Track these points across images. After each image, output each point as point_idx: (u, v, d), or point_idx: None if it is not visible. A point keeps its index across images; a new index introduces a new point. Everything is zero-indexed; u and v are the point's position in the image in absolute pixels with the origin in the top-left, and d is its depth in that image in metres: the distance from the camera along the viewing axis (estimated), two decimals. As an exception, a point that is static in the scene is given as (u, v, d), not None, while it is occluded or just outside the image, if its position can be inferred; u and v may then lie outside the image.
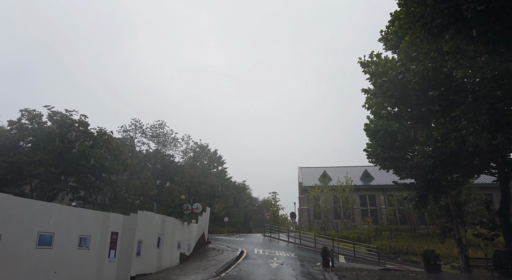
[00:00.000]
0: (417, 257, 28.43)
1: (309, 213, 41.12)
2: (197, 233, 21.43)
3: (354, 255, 24.92)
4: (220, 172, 57.26)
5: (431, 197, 16.03)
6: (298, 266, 17.42)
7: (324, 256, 17.22)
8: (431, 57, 7.45)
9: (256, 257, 20.28)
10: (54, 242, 9.12)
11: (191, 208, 23.69)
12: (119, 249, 12.47)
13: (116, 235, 12.33)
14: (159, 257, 15.57)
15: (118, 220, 12.52)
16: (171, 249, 17.05)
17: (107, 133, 24.93)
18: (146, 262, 14.23)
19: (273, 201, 44.85)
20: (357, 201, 39.96)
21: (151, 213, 15.06)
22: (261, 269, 15.96)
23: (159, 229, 15.62)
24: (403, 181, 17.28)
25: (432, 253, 16.23)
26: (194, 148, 39.73)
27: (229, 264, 17.00)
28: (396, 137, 15.70)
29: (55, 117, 21.85)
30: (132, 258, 13.13)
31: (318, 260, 20.60)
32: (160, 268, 15.56)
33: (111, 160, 24.80)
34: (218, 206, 43.12)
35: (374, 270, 17.22)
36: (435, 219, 19.05)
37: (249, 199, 72.44)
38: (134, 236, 13.35)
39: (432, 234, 32.19)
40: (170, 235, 17.01)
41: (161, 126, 38.48)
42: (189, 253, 19.69)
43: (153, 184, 26.38)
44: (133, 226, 13.40)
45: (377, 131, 16.38)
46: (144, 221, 14.21)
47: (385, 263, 22.53)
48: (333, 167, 48.29)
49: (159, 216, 15.90)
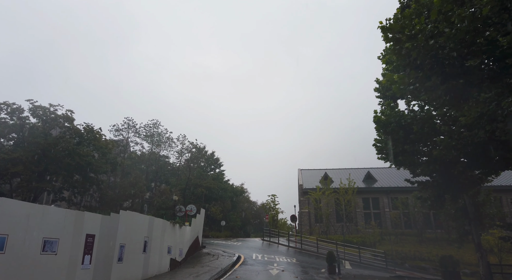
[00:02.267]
0: (425, 262, 26.71)
1: (309, 216, 39.38)
2: (190, 236, 19.72)
3: (360, 261, 23.22)
4: (217, 174, 55.54)
5: (448, 196, 14.43)
6: (301, 273, 15.75)
7: (329, 262, 15.55)
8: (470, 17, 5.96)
9: (255, 262, 18.57)
10: (8, 246, 7.47)
11: (185, 209, 21.99)
12: (96, 254, 10.80)
13: (92, 238, 10.67)
14: (146, 263, 13.88)
15: (95, 220, 10.86)
16: (160, 254, 15.35)
17: (94, 130, 23.29)
18: (129, 269, 12.54)
19: (272, 204, 43.14)
20: (359, 204, 38.28)
21: (136, 214, 13.40)
22: (260, 276, 14.29)
23: (145, 232, 13.94)
24: (416, 179, 15.67)
25: (451, 259, 14.60)
26: (190, 149, 38.09)
27: (224, 271, 15.31)
28: (410, 129, 14.15)
29: (38, 111, 20.20)
30: (113, 264, 11.46)
31: (322, 266, 18.90)
32: (146, 275, 13.86)
33: (99, 159, 23.16)
34: (214, 209, 41.37)
35: (385, 277, 15.56)
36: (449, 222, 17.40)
37: (248, 203, 70.61)
38: (115, 239, 11.69)
39: (440, 239, 30.52)
40: (159, 239, 15.33)
41: (156, 125, 36.84)
42: (181, 259, 17.98)
43: (144, 184, 24.75)
44: (114, 228, 11.74)
45: (388, 123, 14.83)
46: (128, 223, 12.55)
47: (395, 270, 20.85)
48: (335, 169, 46.66)
49: (146, 217, 14.23)
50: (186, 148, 37.48)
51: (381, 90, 18.05)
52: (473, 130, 10.12)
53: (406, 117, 14.79)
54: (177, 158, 39.25)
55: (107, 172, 24.03)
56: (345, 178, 37.75)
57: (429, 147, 13.24)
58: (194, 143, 38.14)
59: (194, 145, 37.96)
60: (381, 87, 18.07)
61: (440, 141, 11.26)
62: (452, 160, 12.39)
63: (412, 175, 15.86)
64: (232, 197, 49.58)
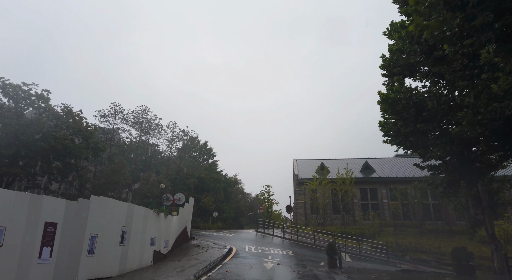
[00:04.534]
0: (426, 255, 25.52)
1: (305, 207, 38.01)
2: (178, 227, 18.11)
3: (359, 253, 21.88)
4: (210, 165, 53.86)
5: (464, 182, 12.97)
6: (299, 266, 14.26)
7: (330, 255, 14.06)
8: None
9: (247, 255, 17.06)
10: None
11: (172, 198, 20.34)
12: (60, 246, 9.12)
13: (53, 227, 8.97)
14: (124, 256, 12.24)
15: (58, 206, 9.15)
16: (141, 246, 13.73)
17: (74, 112, 21.36)
18: (103, 262, 10.90)
19: (267, 194, 41.63)
20: (357, 194, 36.98)
21: (111, 200, 11.70)
22: (253, 270, 12.75)
23: (123, 221, 12.28)
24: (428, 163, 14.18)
25: (463, 251, 13.20)
26: (181, 136, 36.23)
27: (213, 264, 13.74)
28: (423, 107, 12.59)
29: (7, 89, 18.20)
30: (81, 257, 9.81)
31: (320, 258, 17.47)
32: (124, 270, 12.24)
33: (81, 144, 21.29)
34: (207, 200, 39.76)
35: (391, 271, 14.14)
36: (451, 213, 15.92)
37: (242, 194, 69.26)
38: (84, 228, 10.02)
39: (441, 230, 29.36)
40: (140, 229, 13.68)
41: (145, 112, 34.90)
42: (167, 251, 16.38)
43: (129, 170, 22.92)
44: (82, 215, 10.06)
45: (398, 101, 13.27)
46: (101, 210, 10.87)
47: (399, 263, 19.57)
48: (331, 159, 45.26)
49: (124, 204, 12.53)
50: (176, 135, 35.62)
51: (387, 67, 16.45)
52: (505, 102, 8.57)
53: (417, 95, 13.25)
54: (168, 146, 37.36)
55: (89, 158, 22.17)
56: (342, 168, 36.36)
57: (446, 124, 11.69)
58: (185, 130, 36.29)
59: (185, 133, 36.15)
60: (387, 64, 16.46)
61: (463, 115, 9.72)
62: (473, 140, 10.89)
63: (422, 159, 14.38)
64: (225, 188, 47.99)
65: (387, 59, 16.30)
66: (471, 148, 11.69)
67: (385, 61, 16.34)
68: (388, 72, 16.35)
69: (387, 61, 16.24)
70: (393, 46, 15.83)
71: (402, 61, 15.31)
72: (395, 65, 15.65)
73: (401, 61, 15.36)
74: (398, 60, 15.70)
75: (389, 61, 16.12)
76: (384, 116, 15.45)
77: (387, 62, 16.21)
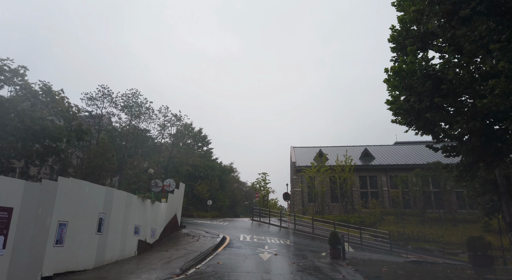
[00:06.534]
0: (430, 244, 24.51)
1: (302, 195, 36.84)
2: (166, 215, 16.71)
3: (361, 243, 20.72)
4: (205, 152, 52.38)
5: (483, 165, 11.62)
6: (298, 257, 12.97)
7: (333, 245, 12.77)
8: None
9: (242, 245, 15.76)
10: None
11: (162, 184, 18.88)
12: (17, 235, 7.67)
13: (8, 213, 7.50)
14: (102, 246, 10.84)
15: (13, 188, 7.66)
16: (123, 235, 12.33)
17: (55, 91, 19.63)
18: (75, 254, 9.49)
19: (263, 182, 40.36)
20: (356, 182, 35.81)
21: (85, 183, 10.21)
22: (247, 262, 11.43)
23: (101, 207, 10.83)
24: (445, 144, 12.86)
25: (480, 241, 11.96)
26: (173, 121, 34.51)
27: (204, 255, 12.40)
28: (440, 80, 11.13)
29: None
30: (47, 248, 8.38)
31: (321, 248, 16.23)
32: (103, 261, 10.85)
33: (64, 126, 19.63)
34: (201, 188, 38.41)
35: (400, 262, 12.92)
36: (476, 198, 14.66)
37: (237, 183, 68.04)
38: (49, 215, 8.57)
39: (444, 219, 28.31)
40: (122, 216, 12.26)
41: (135, 95, 33.04)
42: (154, 241, 15.01)
43: (113, 154, 21.31)
44: (48, 200, 8.58)
45: (412, 72, 11.78)
46: (72, 194, 9.40)
47: (404, 253, 18.43)
48: (330, 147, 43.93)
49: (102, 188, 11.05)
50: (168, 120, 33.89)
51: (397, 40, 14.94)
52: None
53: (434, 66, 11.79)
54: (160, 132, 35.68)
55: (72, 142, 20.51)
56: (341, 155, 35.07)
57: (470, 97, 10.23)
58: (178, 115, 34.52)
59: (178, 117, 34.38)
60: (397, 36, 14.96)
61: (495, 83, 8.30)
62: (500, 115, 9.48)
63: (436, 140, 12.98)
64: (220, 176, 46.63)
65: (397, 31, 14.82)
66: (497, 124, 10.30)
67: (395, 33, 14.85)
68: (398, 45, 14.88)
69: (398, 32, 14.76)
70: (404, 16, 14.31)
71: (415, 32, 13.93)
72: (407, 37, 14.18)
73: (414, 32, 13.98)
74: (409, 32, 14.31)
75: (400, 32, 14.65)
76: (393, 94, 14.06)
77: (398, 34, 14.72)
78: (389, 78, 13.87)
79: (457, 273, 9.56)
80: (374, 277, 8.25)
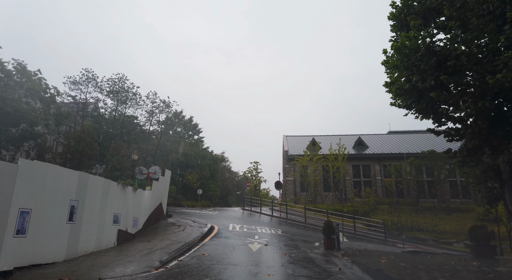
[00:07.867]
0: (423, 233, 24.09)
1: (295, 184, 36.14)
2: (151, 203, 15.73)
3: (355, 232, 20.11)
4: (196, 141, 51.20)
5: (489, 150, 10.87)
6: (290, 247, 12.17)
7: (327, 234, 11.99)
8: None
9: (231, 235, 14.92)
10: None
11: (147, 171, 17.84)
12: (-34, 224, 6.63)
13: (-48, 198, 6.42)
14: (74, 236, 9.83)
15: (-41, 169, 6.56)
16: (101, 225, 11.32)
17: (30, 71, 18.24)
18: (41, 245, 8.48)
19: (255, 171, 39.54)
20: (349, 171, 35.21)
21: (53, 166, 9.15)
22: (235, 253, 10.57)
23: (73, 194, 9.78)
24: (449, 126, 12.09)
25: (483, 230, 11.30)
26: (162, 108, 33.20)
27: (189, 246, 11.51)
28: (445, 57, 10.25)
29: None
30: (5, 239, 7.37)
31: (314, 238, 15.48)
32: (75, 253, 9.87)
33: (43, 110, 18.34)
34: (191, 177, 37.41)
35: (397, 253, 12.22)
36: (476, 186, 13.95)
37: (229, 173, 67.11)
38: (8, 201, 7.54)
39: (438, 208, 27.93)
40: (99, 204, 11.23)
41: (121, 80, 31.58)
42: (136, 230, 14.05)
43: (94, 139, 20.03)
44: (6, 184, 7.52)
45: (416, 49, 10.86)
46: (37, 179, 8.33)
47: (400, 243, 17.82)
48: (323, 136, 43.16)
49: (74, 172, 9.98)
50: (156, 106, 32.56)
51: (398, 17, 14.00)
52: None
53: (438, 44, 10.90)
54: (148, 118, 34.37)
55: (49, 125, 19.22)
56: (334, 144, 34.34)
57: (479, 74, 9.34)
58: (166, 101, 33.22)
59: (167, 104, 33.08)
60: (398, 12, 14.03)
61: (510, 56, 7.44)
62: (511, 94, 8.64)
63: (437, 124, 12.18)
64: (211, 165, 45.61)
65: (397, 7, 13.86)
66: (508, 105, 9.49)
67: (396, 9, 13.89)
68: (399, 23, 13.97)
69: (398, 9, 13.80)
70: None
71: (418, 7, 13.02)
72: (408, 13, 13.25)
73: (417, 7, 13.07)
74: (410, 8, 13.40)
75: (401, 9, 13.68)
76: (392, 76, 13.17)
77: (398, 11, 13.77)
78: (387, 60, 13.00)
79: (463, 264, 8.84)
80: (374, 270, 7.45)
